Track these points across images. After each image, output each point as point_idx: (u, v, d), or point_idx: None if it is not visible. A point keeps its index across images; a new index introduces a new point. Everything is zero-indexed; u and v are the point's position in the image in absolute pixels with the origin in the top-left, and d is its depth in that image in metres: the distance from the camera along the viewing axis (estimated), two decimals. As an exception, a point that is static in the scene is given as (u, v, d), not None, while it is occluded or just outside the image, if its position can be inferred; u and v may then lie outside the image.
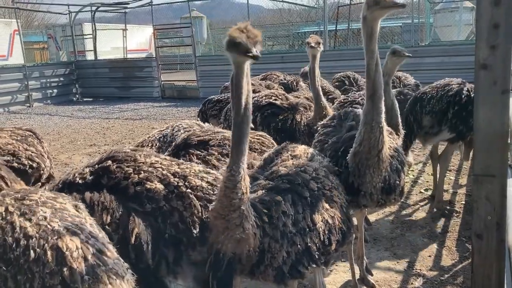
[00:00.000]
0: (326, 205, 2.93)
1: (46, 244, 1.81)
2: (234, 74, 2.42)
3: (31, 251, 1.78)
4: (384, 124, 3.28)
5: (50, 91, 19.53)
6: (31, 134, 3.90)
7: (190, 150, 3.51)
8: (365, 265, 4.35)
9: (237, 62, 2.40)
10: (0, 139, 3.59)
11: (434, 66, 13.01)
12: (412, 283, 4.39)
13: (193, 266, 2.61)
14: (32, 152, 3.68)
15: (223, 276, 2.57)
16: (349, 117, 3.85)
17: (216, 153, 3.49)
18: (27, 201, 2.00)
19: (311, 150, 3.36)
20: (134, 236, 2.40)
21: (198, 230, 2.54)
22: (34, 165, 3.62)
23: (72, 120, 14.78)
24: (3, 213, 1.91)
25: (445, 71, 8.08)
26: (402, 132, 4.41)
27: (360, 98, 5.29)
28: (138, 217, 2.47)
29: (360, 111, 3.65)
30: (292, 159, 3.11)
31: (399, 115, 4.37)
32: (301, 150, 3.27)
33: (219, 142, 3.55)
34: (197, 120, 4.88)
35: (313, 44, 5.17)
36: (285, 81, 7.45)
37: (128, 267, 2.08)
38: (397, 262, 4.74)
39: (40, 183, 3.65)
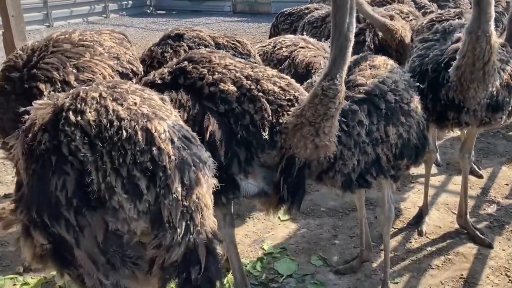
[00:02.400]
0: (402, 119, 2.85)
1: (136, 126, 1.94)
2: None
3: (124, 131, 1.92)
4: (492, 33, 2.98)
5: (125, 2, 19.74)
6: (124, 37, 3.84)
7: (168, 41, 3.81)
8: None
9: None
10: (104, 42, 3.52)
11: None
12: (484, 209, 4.25)
13: (263, 168, 2.67)
14: (130, 56, 3.63)
15: (295, 181, 2.62)
16: (456, 29, 3.52)
17: (185, 45, 3.75)
18: (118, 89, 2.13)
19: (391, 61, 3.18)
20: (208, 133, 2.48)
21: (267, 133, 2.58)
22: (134, 68, 3.60)
23: (147, 32, 15.01)
24: (98, 98, 2.04)
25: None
26: None
27: (457, 17, 4.77)
28: (213, 116, 2.53)
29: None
30: (370, 69, 2.98)
31: None
32: (381, 60, 3.10)
33: (191, 38, 3.77)
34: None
35: None
36: None
37: (210, 156, 2.17)
38: (471, 188, 4.56)
39: None
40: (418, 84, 3.20)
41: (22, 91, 3.04)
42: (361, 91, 2.79)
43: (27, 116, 2.17)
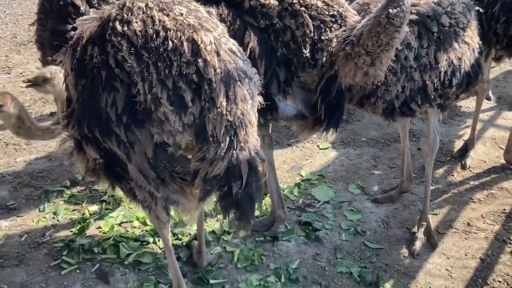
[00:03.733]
0: (455, 44, 2.67)
1: (182, 36, 1.92)
2: None
3: (169, 42, 1.91)
4: None
5: None
6: None
7: None
8: None
9: None
10: None
11: None
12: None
13: (302, 89, 2.60)
14: None
15: (333, 101, 2.55)
16: None
17: None
18: None
19: (450, -20, 2.93)
20: (248, 50, 2.42)
21: (308, 51, 2.49)
22: None
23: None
24: (144, 8, 2.01)
25: None
26: None
27: None
28: (253, 32, 2.46)
29: None
30: (425, -12, 2.76)
31: None
32: (438, -21, 2.87)
33: None
34: None
35: None
36: None
37: (256, 72, 2.12)
38: (522, 123, 4.35)
39: None
40: (478, 7, 2.97)
41: (58, 8, 3.02)
42: (412, 11, 2.59)
43: (73, 32, 2.16)
